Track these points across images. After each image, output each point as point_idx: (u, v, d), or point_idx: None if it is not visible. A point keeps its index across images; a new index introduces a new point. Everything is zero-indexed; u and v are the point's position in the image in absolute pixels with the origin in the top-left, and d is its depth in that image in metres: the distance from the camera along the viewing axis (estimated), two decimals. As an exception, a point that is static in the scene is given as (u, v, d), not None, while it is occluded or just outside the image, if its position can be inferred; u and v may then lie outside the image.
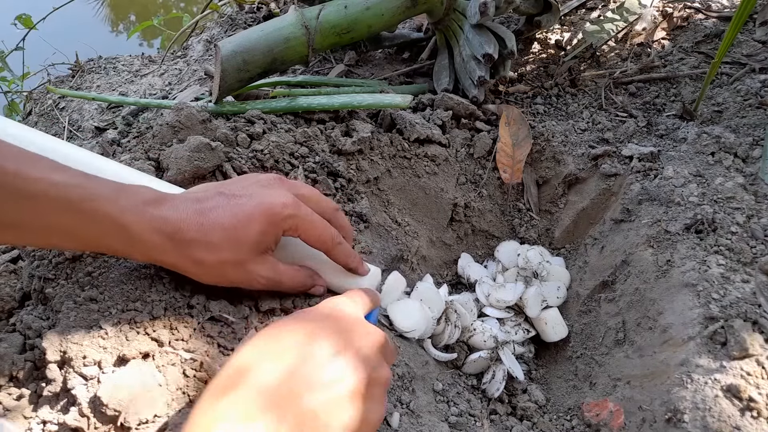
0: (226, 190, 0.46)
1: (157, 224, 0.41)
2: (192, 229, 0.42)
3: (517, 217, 0.79)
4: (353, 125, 0.70)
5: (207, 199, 0.44)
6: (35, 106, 1.13)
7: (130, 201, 0.41)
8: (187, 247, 0.42)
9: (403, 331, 0.58)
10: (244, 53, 0.67)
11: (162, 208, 0.42)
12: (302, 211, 0.46)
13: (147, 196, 0.42)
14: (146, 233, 0.41)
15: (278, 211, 0.45)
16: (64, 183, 0.39)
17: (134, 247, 0.42)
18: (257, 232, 0.44)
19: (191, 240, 0.42)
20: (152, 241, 0.41)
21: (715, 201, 0.61)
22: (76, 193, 0.39)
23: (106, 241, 0.41)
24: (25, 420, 0.41)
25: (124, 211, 0.40)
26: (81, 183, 0.40)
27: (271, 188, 0.47)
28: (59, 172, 0.40)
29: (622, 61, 0.91)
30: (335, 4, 0.73)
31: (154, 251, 0.42)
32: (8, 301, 0.50)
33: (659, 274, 0.57)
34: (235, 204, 0.44)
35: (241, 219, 0.43)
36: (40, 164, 0.40)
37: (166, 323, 0.44)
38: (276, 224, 0.45)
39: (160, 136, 0.59)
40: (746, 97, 0.76)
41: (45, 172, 0.39)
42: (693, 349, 0.50)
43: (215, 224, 0.43)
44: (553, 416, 0.58)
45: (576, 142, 0.77)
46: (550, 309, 0.66)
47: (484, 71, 0.77)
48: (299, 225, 0.46)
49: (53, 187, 0.39)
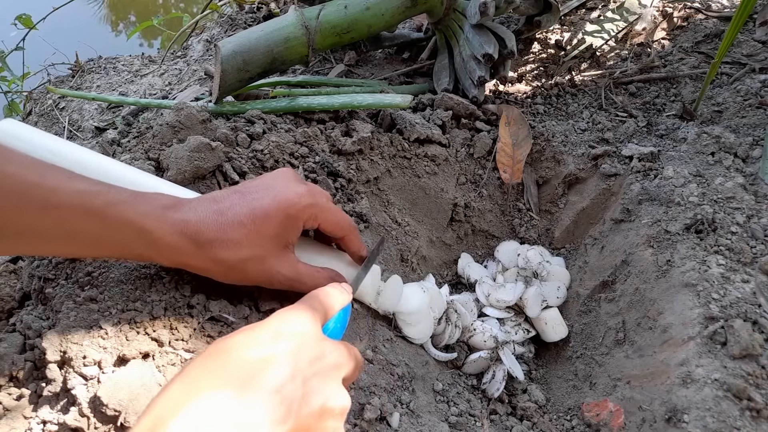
0: (242, 189, 0.46)
1: (178, 227, 0.42)
2: (212, 229, 0.42)
3: (517, 217, 0.79)
4: (353, 125, 0.70)
5: (224, 198, 0.45)
6: (35, 106, 1.13)
7: (150, 206, 0.41)
8: (210, 248, 0.42)
9: (411, 339, 0.58)
10: (244, 53, 0.67)
11: (182, 212, 0.42)
12: (319, 199, 0.47)
13: (166, 201, 0.43)
14: (168, 236, 0.41)
15: (296, 202, 0.45)
16: (86, 191, 0.40)
17: (157, 251, 0.42)
18: (276, 224, 0.44)
19: (212, 240, 0.42)
20: (175, 243, 0.42)
21: (715, 201, 0.61)
22: (98, 200, 0.40)
23: (130, 247, 0.42)
24: (25, 420, 0.41)
25: (146, 216, 0.41)
26: (102, 190, 0.40)
27: (287, 181, 0.47)
28: (80, 181, 0.40)
29: (622, 61, 0.91)
30: (335, 4, 0.73)
31: (177, 254, 0.42)
32: (8, 301, 0.50)
33: (659, 274, 0.57)
34: (252, 200, 0.44)
35: (259, 215, 0.44)
36: (60, 174, 0.40)
37: (166, 323, 0.44)
38: (294, 216, 0.45)
39: (160, 136, 0.59)
40: (746, 97, 0.76)
41: (66, 181, 0.39)
42: (693, 349, 0.50)
43: (234, 222, 0.43)
44: (553, 416, 0.58)
45: (576, 142, 0.77)
46: (550, 309, 0.66)
47: (484, 71, 0.77)
48: (318, 214, 0.47)
49: (76, 195, 0.39)
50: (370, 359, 0.51)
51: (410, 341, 0.58)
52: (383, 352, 0.53)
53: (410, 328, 0.58)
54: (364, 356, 0.51)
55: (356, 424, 0.45)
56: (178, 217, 0.42)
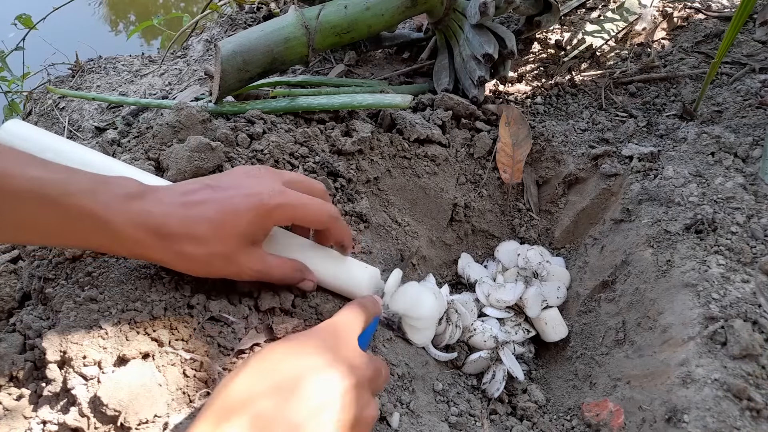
0: (214, 182, 0.45)
1: (140, 219, 0.40)
2: (176, 222, 0.41)
3: (517, 217, 0.79)
4: (353, 125, 0.70)
5: (193, 191, 0.43)
6: (35, 106, 1.13)
7: (112, 194, 0.40)
8: (174, 242, 0.41)
9: (413, 343, 0.58)
10: (244, 53, 0.67)
11: (145, 202, 0.41)
12: (291, 197, 0.45)
13: (130, 189, 0.41)
14: (129, 228, 0.40)
15: (266, 202, 0.44)
16: (41, 178, 0.38)
17: (118, 243, 0.41)
18: (245, 223, 0.43)
19: (177, 234, 0.41)
20: (136, 236, 0.40)
21: (715, 201, 0.61)
22: (54, 188, 0.38)
23: (89, 238, 0.40)
24: (25, 420, 0.41)
25: (106, 206, 0.39)
26: (61, 178, 0.39)
27: (259, 178, 0.45)
28: (38, 168, 0.39)
29: (622, 61, 0.91)
30: (335, 4, 0.73)
31: (138, 247, 0.41)
32: (8, 301, 0.50)
33: (659, 274, 0.57)
34: (222, 196, 0.43)
35: (228, 211, 0.42)
36: (21, 160, 0.39)
37: (166, 323, 0.44)
38: (264, 216, 0.44)
39: (160, 136, 0.59)
40: (746, 97, 0.76)
41: (24, 168, 0.38)
42: (693, 349, 0.50)
43: (202, 217, 0.42)
44: (553, 416, 0.58)
45: (576, 142, 0.77)
46: (550, 309, 0.66)
47: (484, 71, 0.77)
48: (290, 212, 0.45)
49: (30, 182, 0.37)
50: (370, 359, 0.51)
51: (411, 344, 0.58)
52: (383, 352, 0.53)
53: (416, 333, 0.57)
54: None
55: (356, 424, 0.45)
56: (140, 207, 0.40)
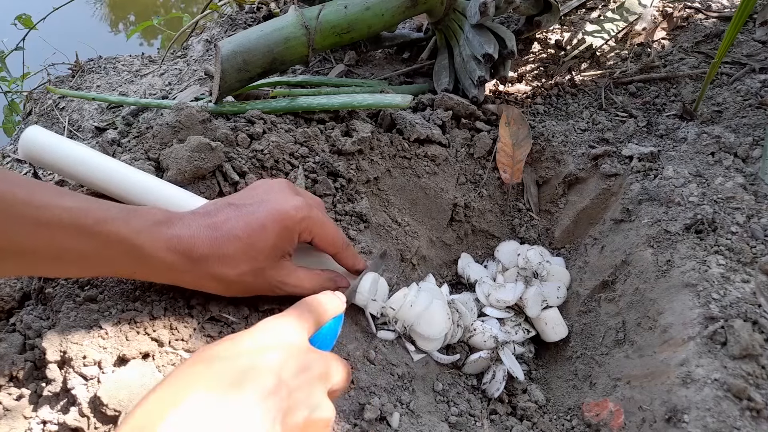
0: (236, 200, 0.45)
1: (171, 243, 0.41)
2: (205, 244, 0.42)
3: (517, 217, 0.79)
4: (353, 125, 0.70)
5: (217, 212, 0.44)
6: (35, 106, 1.13)
7: (142, 222, 0.41)
8: (204, 264, 0.42)
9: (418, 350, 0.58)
10: (244, 53, 0.67)
11: (174, 227, 0.42)
12: (315, 213, 0.46)
13: (158, 216, 0.42)
14: (161, 252, 0.40)
15: (292, 215, 0.44)
16: (76, 208, 0.39)
17: (150, 268, 0.41)
18: (273, 237, 0.43)
19: (207, 255, 0.42)
20: (168, 260, 0.41)
21: (715, 201, 0.61)
22: (88, 217, 0.39)
23: (122, 265, 0.41)
24: (25, 420, 0.41)
25: (138, 232, 0.40)
26: (92, 207, 0.40)
27: (282, 193, 0.46)
28: (69, 198, 0.39)
29: (622, 61, 0.91)
30: (335, 4, 0.73)
31: (170, 271, 0.42)
32: (8, 301, 0.50)
33: (659, 274, 0.57)
34: (247, 213, 0.44)
35: (255, 228, 0.43)
36: (49, 190, 0.39)
37: (166, 323, 0.44)
38: (291, 228, 0.44)
39: (160, 136, 0.59)
40: (746, 97, 0.76)
41: (55, 198, 0.39)
42: (693, 349, 0.50)
43: (229, 236, 0.42)
44: (553, 416, 0.58)
45: (576, 142, 0.77)
46: (550, 309, 0.66)
47: (484, 71, 0.77)
48: (312, 228, 0.46)
49: (66, 213, 0.38)
50: (372, 359, 0.51)
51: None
52: (383, 352, 0.53)
53: (425, 342, 0.57)
54: (367, 357, 0.51)
55: (356, 424, 0.45)
56: (170, 232, 0.41)
